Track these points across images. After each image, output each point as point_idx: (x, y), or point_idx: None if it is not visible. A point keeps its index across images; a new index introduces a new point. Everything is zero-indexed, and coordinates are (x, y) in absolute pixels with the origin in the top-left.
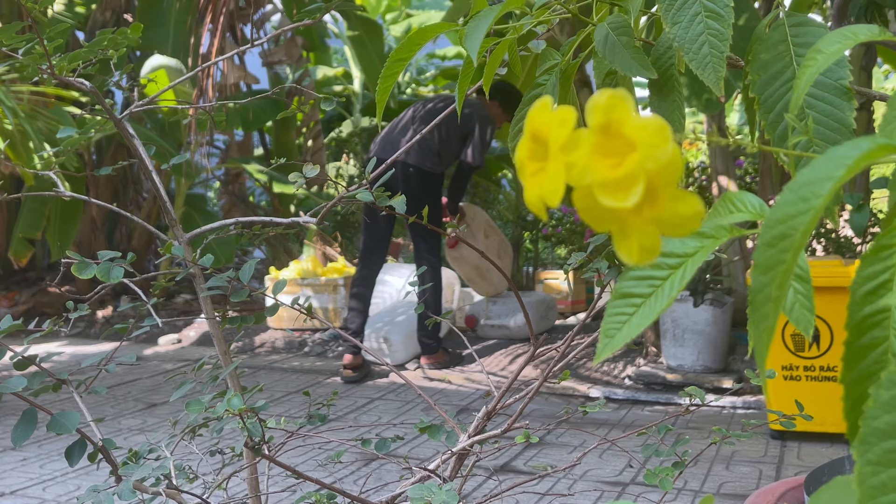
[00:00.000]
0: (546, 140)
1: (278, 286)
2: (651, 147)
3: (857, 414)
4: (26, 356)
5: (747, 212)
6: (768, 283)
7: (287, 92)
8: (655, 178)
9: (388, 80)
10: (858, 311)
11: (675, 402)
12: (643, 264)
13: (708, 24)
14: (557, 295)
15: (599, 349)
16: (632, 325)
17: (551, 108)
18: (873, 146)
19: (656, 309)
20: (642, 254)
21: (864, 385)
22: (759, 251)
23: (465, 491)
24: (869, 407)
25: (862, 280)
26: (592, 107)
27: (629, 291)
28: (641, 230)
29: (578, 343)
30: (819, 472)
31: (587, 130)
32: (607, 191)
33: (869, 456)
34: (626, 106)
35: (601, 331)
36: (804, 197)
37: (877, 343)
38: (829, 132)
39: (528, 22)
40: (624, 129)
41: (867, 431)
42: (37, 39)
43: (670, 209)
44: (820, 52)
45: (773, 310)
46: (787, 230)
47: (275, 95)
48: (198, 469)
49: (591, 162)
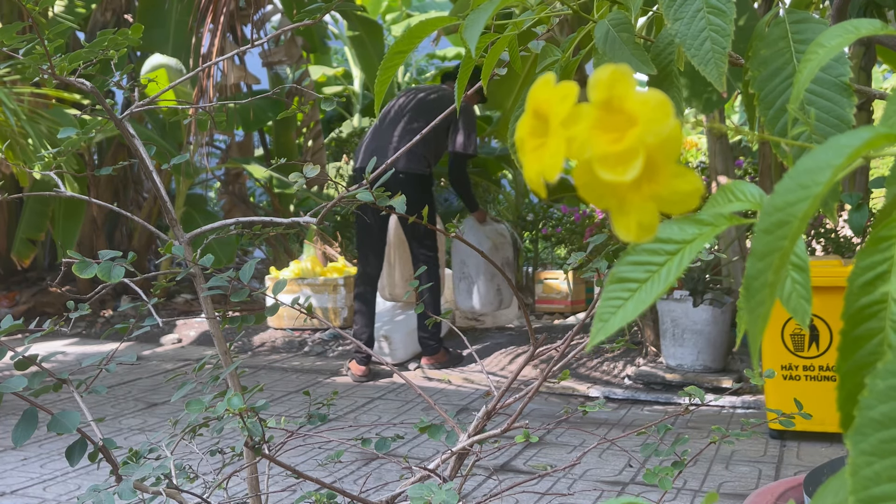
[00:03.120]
0: (547, 115)
1: (278, 286)
2: (652, 122)
3: (851, 405)
4: (27, 356)
5: (746, 201)
6: (765, 270)
7: (287, 92)
8: (655, 153)
9: (388, 71)
10: (855, 302)
11: (674, 402)
12: (641, 241)
13: (710, 19)
14: (557, 295)
15: (593, 333)
16: (627, 310)
17: (553, 84)
18: (874, 135)
19: (652, 294)
20: (640, 231)
21: (859, 376)
22: (756, 238)
23: (464, 490)
24: (864, 397)
25: (860, 271)
26: (595, 82)
27: (625, 276)
28: (640, 207)
29: (578, 343)
30: (818, 472)
31: (589, 105)
32: (607, 165)
33: (863, 446)
34: (628, 81)
35: (595, 315)
36: (804, 184)
37: (873, 334)
38: (829, 128)
39: (529, 18)
40: (625, 105)
41: (862, 421)
42: (37, 40)
43: (670, 185)
44: (821, 46)
45: (769, 295)
46: (786, 217)
47: (275, 96)
48: (198, 469)
49: (592, 136)
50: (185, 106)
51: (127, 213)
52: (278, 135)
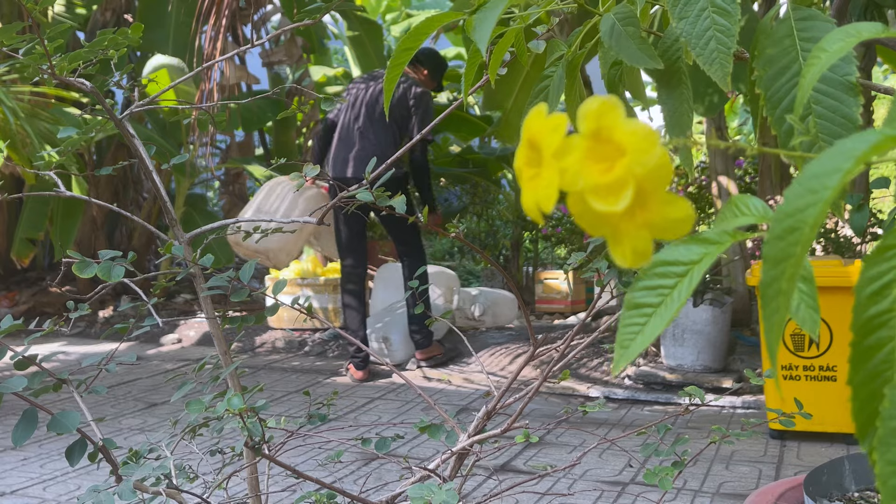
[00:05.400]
0: (540, 146)
1: (278, 286)
2: (639, 152)
3: (866, 414)
4: (27, 356)
5: (751, 215)
6: (778, 277)
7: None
8: (644, 182)
9: (395, 69)
10: (864, 312)
11: (674, 402)
12: (637, 267)
13: (714, 19)
14: (557, 295)
15: (616, 359)
16: (645, 335)
17: (545, 116)
18: (881, 138)
19: (666, 317)
20: (636, 257)
21: (871, 385)
22: (769, 244)
23: (465, 490)
24: (885, 408)
25: (867, 281)
26: (584, 113)
27: (640, 301)
28: (634, 234)
29: (578, 343)
30: (818, 472)
31: (578, 136)
32: (598, 195)
33: (889, 456)
34: (616, 112)
35: (616, 342)
36: (813, 189)
37: (883, 343)
38: (835, 128)
39: (535, 11)
40: (614, 135)
41: (885, 432)
42: (37, 40)
43: (661, 213)
44: (823, 51)
45: (784, 303)
46: (796, 223)
47: (275, 95)
48: (198, 469)
49: (583, 167)
50: (185, 106)
51: (127, 213)
52: (278, 135)
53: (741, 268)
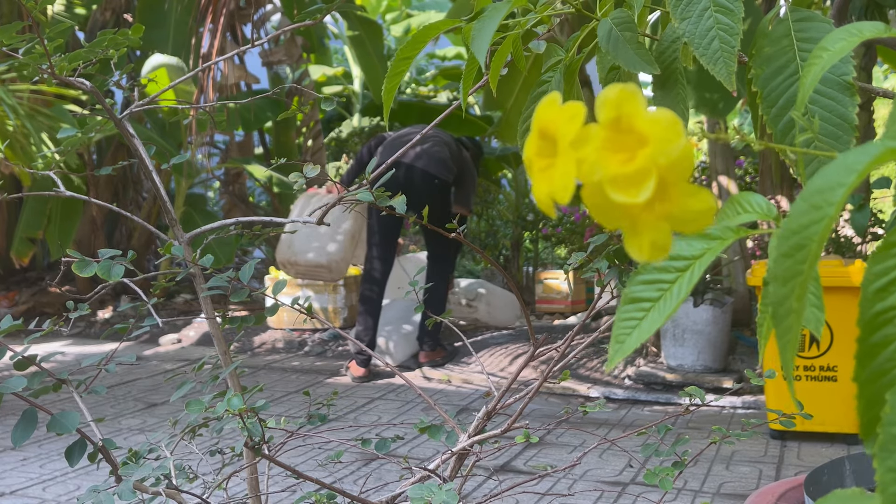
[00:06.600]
0: (554, 136)
1: (278, 286)
2: (663, 142)
3: (871, 412)
4: (26, 356)
5: (755, 212)
6: (788, 295)
7: (287, 92)
8: (667, 173)
9: (395, 78)
10: (870, 309)
11: (674, 402)
12: (654, 261)
13: (717, 18)
14: (557, 295)
15: (611, 354)
16: (642, 330)
17: (559, 104)
18: (882, 150)
19: (665, 312)
20: (654, 251)
21: (877, 382)
22: (776, 262)
23: (465, 491)
24: (886, 413)
25: (872, 277)
26: (603, 101)
27: (638, 296)
28: (653, 227)
29: (578, 343)
30: (819, 472)
31: (597, 126)
32: (618, 186)
33: (889, 463)
34: (637, 100)
35: (612, 336)
36: (817, 205)
37: (889, 340)
38: (832, 128)
39: (533, 17)
40: (635, 124)
41: (886, 438)
42: (37, 39)
43: (682, 205)
44: (825, 50)
45: (796, 322)
46: (803, 240)
47: (275, 95)
48: (198, 469)
49: (602, 157)
50: (185, 106)
51: (126, 212)
52: (278, 135)
53: (741, 268)
